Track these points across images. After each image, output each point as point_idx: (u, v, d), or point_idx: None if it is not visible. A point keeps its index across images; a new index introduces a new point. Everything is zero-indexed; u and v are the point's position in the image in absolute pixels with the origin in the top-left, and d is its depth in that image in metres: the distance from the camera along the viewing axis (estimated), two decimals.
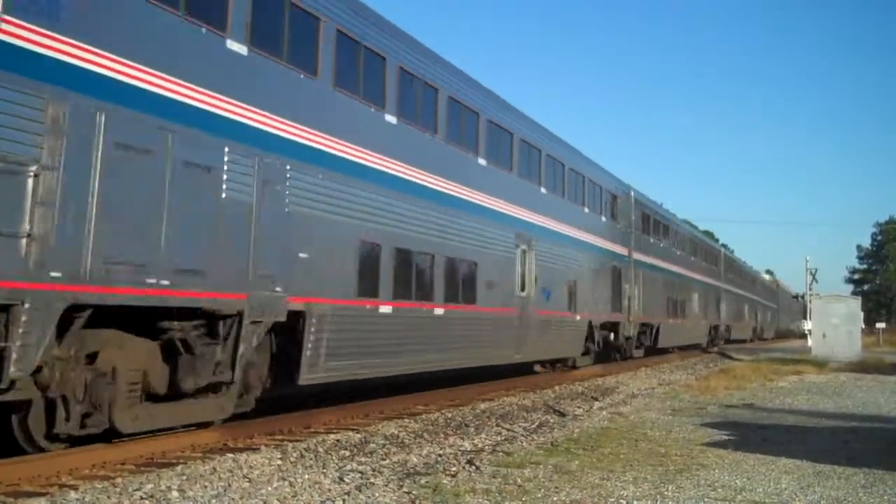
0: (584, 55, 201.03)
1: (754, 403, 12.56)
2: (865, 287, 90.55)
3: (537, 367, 16.55)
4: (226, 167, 7.18)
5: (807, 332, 32.27)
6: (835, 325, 27.06)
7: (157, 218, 6.41)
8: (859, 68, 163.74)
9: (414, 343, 10.46)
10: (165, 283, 6.51)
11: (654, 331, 23.28)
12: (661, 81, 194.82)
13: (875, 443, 8.81)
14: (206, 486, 5.51)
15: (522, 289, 13.92)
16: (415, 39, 11.02)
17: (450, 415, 9.72)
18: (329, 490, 5.77)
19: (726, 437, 8.79)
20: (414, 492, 5.77)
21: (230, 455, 6.50)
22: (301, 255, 8.16)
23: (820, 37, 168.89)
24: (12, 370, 5.36)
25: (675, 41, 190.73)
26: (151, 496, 5.16)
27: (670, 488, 6.10)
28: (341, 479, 6.11)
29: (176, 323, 6.95)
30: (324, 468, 6.39)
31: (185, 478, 5.65)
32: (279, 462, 6.46)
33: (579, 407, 11.51)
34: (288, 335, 8.18)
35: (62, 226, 5.66)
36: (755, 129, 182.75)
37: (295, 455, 6.76)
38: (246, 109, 7.56)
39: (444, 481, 6.14)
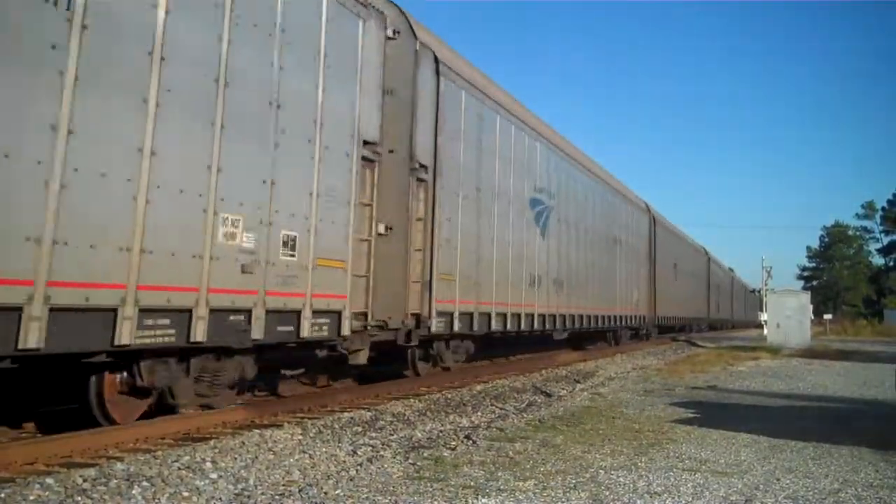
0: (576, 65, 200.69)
1: (717, 385, 12.56)
2: (814, 283, 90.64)
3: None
4: None
5: (763, 322, 32.25)
6: (787, 316, 27.05)
7: None
8: (813, 86, 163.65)
9: None
10: None
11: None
12: (644, 101, 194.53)
13: (823, 420, 8.82)
14: (236, 458, 5.51)
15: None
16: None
17: (450, 396, 9.71)
18: (344, 461, 5.77)
19: (692, 415, 8.79)
20: (418, 463, 5.77)
21: (257, 431, 6.50)
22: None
23: (776, 56, 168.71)
24: None
25: (654, 52, 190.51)
26: (188, 467, 5.16)
27: (643, 460, 6.10)
28: (355, 451, 6.11)
29: None
30: (339, 442, 6.39)
31: (217, 451, 5.65)
32: (300, 437, 6.46)
33: (563, 388, 11.50)
34: None
35: None
36: (721, 142, 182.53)
37: (314, 431, 6.76)
38: None
39: (445, 454, 6.14)
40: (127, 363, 6.06)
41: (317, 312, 7.54)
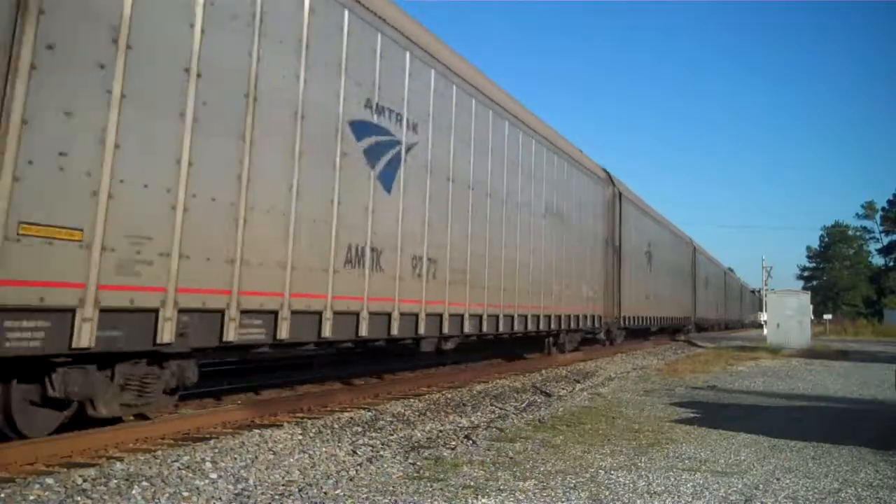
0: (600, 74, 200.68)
1: (717, 385, 12.56)
2: (814, 283, 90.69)
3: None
4: None
5: (763, 322, 32.26)
6: (787, 316, 27.07)
7: None
8: (813, 86, 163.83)
9: None
10: None
11: None
12: (644, 102, 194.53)
13: (823, 420, 8.82)
14: (235, 458, 5.51)
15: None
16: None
17: (450, 396, 9.71)
18: (344, 461, 5.77)
19: (692, 415, 8.79)
20: (418, 463, 5.77)
21: (257, 431, 6.50)
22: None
23: (778, 59, 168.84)
24: None
25: (654, 52, 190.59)
26: (188, 467, 5.16)
27: (643, 460, 6.11)
28: (354, 451, 6.11)
29: None
30: (339, 442, 6.39)
31: (217, 451, 5.65)
32: (300, 437, 6.46)
33: (563, 388, 11.51)
34: None
35: None
36: (721, 143, 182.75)
37: (314, 431, 6.76)
38: None
39: (445, 454, 6.14)
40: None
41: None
